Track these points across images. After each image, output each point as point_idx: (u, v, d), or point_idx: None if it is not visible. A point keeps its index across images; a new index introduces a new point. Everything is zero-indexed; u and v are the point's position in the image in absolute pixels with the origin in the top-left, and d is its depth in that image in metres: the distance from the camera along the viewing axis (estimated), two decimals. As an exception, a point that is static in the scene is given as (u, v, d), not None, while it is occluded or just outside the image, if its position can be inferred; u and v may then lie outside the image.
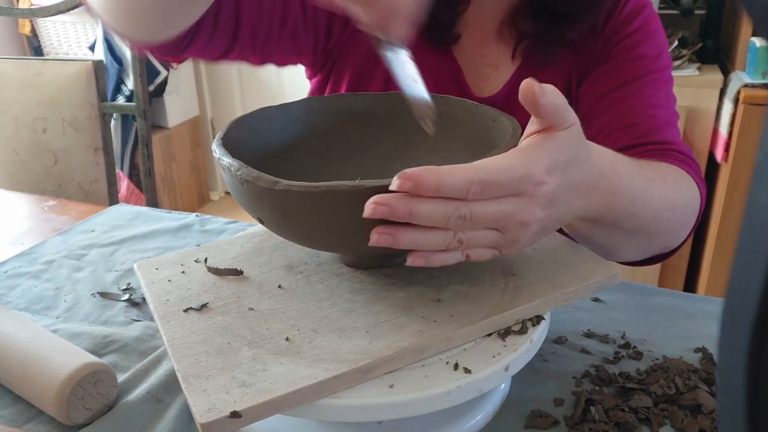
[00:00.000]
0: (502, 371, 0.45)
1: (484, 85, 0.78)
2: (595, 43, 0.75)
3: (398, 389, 0.43)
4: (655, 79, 0.73)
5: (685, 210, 0.64)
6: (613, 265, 0.54)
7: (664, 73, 0.74)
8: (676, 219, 0.63)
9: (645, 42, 0.74)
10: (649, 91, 0.72)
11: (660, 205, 0.58)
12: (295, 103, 0.61)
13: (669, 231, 0.63)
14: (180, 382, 0.43)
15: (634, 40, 0.73)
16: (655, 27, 0.75)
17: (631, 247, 0.62)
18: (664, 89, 0.74)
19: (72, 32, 2.70)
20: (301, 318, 0.49)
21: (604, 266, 0.54)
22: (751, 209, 0.16)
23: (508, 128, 0.52)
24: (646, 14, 0.75)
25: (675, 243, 0.66)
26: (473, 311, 0.48)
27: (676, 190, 0.61)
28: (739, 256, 0.16)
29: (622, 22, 0.74)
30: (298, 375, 0.42)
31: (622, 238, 0.59)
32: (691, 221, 0.65)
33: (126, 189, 2.39)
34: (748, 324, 0.16)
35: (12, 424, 0.54)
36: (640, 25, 0.74)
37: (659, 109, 0.71)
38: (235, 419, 0.39)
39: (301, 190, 0.43)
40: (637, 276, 1.90)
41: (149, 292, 0.53)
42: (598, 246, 0.60)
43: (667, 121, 0.71)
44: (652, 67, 0.73)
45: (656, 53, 0.74)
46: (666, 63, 0.75)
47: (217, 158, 0.49)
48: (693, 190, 0.64)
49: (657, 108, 0.71)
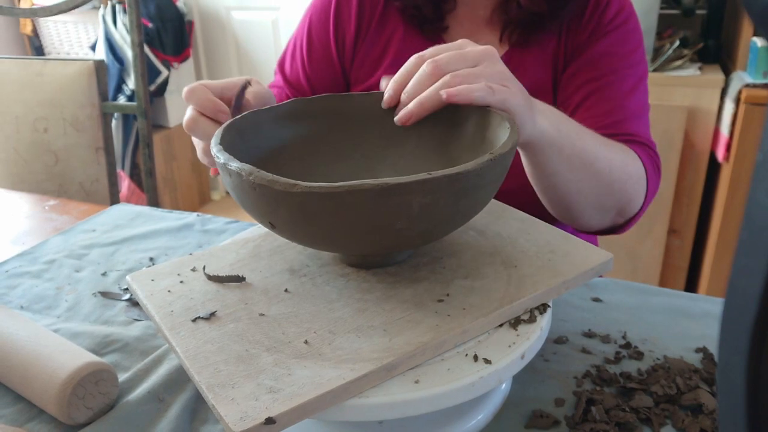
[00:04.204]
0: (519, 359, 0.46)
1: None
2: (581, 34, 0.80)
3: (424, 384, 0.43)
4: (630, 74, 0.79)
5: (636, 179, 0.72)
6: (606, 251, 0.56)
7: (639, 68, 0.80)
8: (630, 176, 0.71)
9: (625, 38, 0.80)
10: (623, 84, 0.78)
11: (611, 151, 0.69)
12: (283, 105, 0.60)
13: (622, 184, 0.70)
14: (204, 393, 0.42)
15: (616, 36, 0.80)
16: (633, 24, 0.82)
17: (587, 189, 0.68)
18: (638, 83, 0.80)
19: (73, 32, 2.71)
20: (314, 320, 0.49)
21: (597, 253, 0.56)
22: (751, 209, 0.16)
23: (502, 122, 0.53)
24: (627, 12, 0.81)
25: (629, 206, 0.73)
26: (483, 304, 0.49)
27: (626, 157, 0.71)
28: (739, 256, 0.16)
29: (605, 17, 0.80)
30: (325, 377, 0.42)
31: (578, 174, 0.66)
32: (641, 189, 0.73)
33: (127, 189, 2.40)
34: (748, 324, 0.16)
35: (13, 423, 0.54)
36: (622, 21, 0.80)
37: (631, 101, 0.78)
38: (269, 426, 0.39)
39: (322, 192, 0.42)
40: (638, 276, 1.91)
41: (151, 304, 0.52)
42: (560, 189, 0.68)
43: (637, 114, 0.78)
44: (627, 62, 0.79)
45: (633, 48, 0.80)
46: (641, 57, 0.81)
47: (222, 163, 0.47)
48: (638, 164, 0.73)
49: (628, 100, 0.78)
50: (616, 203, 0.72)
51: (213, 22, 2.74)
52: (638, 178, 0.73)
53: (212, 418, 0.54)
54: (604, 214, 0.73)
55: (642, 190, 0.74)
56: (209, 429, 0.53)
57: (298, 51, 0.90)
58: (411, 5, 0.82)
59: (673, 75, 1.78)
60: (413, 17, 0.83)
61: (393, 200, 0.43)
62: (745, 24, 1.70)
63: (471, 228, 0.61)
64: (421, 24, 0.83)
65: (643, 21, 1.67)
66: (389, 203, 0.43)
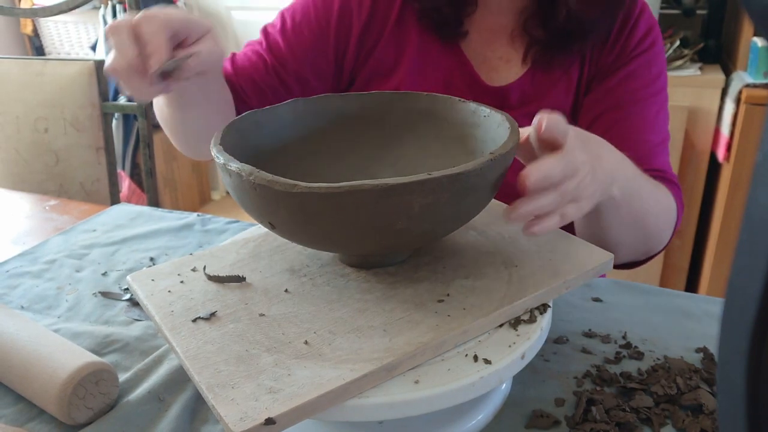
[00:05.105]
0: (519, 359, 0.46)
1: (494, 75, 0.80)
2: (606, 56, 0.77)
3: (424, 384, 0.43)
4: (653, 102, 0.77)
5: (672, 223, 0.72)
6: (606, 252, 0.56)
7: (661, 95, 0.78)
8: (665, 220, 0.70)
9: (650, 64, 0.77)
10: (646, 115, 0.76)
11: (656, 200, 0.67)
12: (282, 106, 0.60)
13: (658, 230, 0.70)
14: (204, 393, 0.42)
15: (642, 61, 0.77)
16: (659, 47, 0.78)
17: (629, 240, 0.68)
18: (660, 111, 0.78)
19: (74, 32, 2.71)
20: (314, 321, 0.49)
21: (598, 253, 0.56)
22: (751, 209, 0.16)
23: (501, 123, 0.53)
24: (654, 35, 0.78)
25: (657, 246, 0.73)
26: (483, 304, 0.49)
27: (664, 196, 0.70)
28: (739, 256, 0.16)
29: (632, 40, 0.76)
30: (325, 377, 0.42)
31: (627, 227, 0.65)
32: (670, 229, 0.73)
33: (127, 188, 2.39)
34: (748, 324, 0.16)
35: (14, 423, 0.54)
36: (649, 45, 0.77)
37: (652, 133, 0.76)
38: (269, 426, 0.39)
39: (322, 192, 0.42)
40: (638, 276, 1.90)
41: (151, 304, 0.52)
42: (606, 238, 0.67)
43: (659, 147, 0.77)
44: (651, 90, 0.77)
45: (657, 73, 0.77)
46: (663, 83, 0.79)
47: (222, 163, 0.47)
48: (672, 204, 0.72)
49: (650, 133, 0.76)
50: (651, 248, 0.73)
51: (213, 22, 2.73)
52: (672, 220, 0.73)
53: (212, 418, 0.54)
54: (634, 255, 0.73)
55: (671, 231, 0.74)
56: (209, 429, 0.53)
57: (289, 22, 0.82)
58: (430, 6, 0.78)
59: (673, 75, 1.77)
60: (431, 20, 0.79)
61: (393, 200, 0.43)
62: (746, 24, 1.70)
63: (471, 228, 0.61)
64: (439, 27, 0.79)
65: (643, 21, 1.67)
66: (389, 203, 0.43)
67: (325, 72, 0.82)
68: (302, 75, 0.81)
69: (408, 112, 0.62)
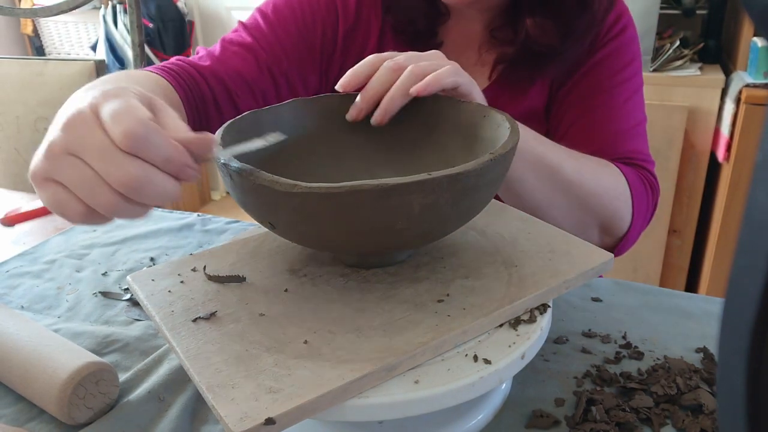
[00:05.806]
0: (519, 360, 0.46)
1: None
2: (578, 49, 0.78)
3: (424, 384, 0.43)
4: (623, 90, 0.76)
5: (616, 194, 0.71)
6: (606, 252, 0.56)
7: (634, 80, 0.78)
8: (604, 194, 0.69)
9: (621, 50, 0.77)
10: (616, 102, 0.76)
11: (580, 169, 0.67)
12: (283, 106, 0.61)
13: (599, 204, 0.69)
14: (204, 393, 0.42)
15: (611, 48, 0.77)
16: (631, 33, 0.78)
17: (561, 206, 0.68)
18: (633, 96, 0.77)
19: (74, 32, 2.71)
20: (314, 320, 0.49)
21: (598, 253, 0.56)
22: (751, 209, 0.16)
23: (502, 122, 0.53)
24: (624, 21, 0.78)
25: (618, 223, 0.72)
26: (483, 304, 0.49)
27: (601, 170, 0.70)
28: (739, 256, 0.16)
29: (604, 25, 0.77)
30: (324, 377, 0.42)
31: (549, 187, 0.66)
32: (622, 211, 0.72)
33: (127, 189, 2.39)
34: (748, 324, 0.16)
35: (14, 423, 0.54)
36: (619, 31, 0.77)
37: (620, 121, 0.76)
38: (269, 426, 0.39)
39: (322, 192, 0.42)
40: (638, 276, 1.90)
41: (151, 304, 0.52)
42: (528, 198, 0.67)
43: (628, 133, 0.76)
44: (621, 77, 0.77)
45: (629, 59, 0.77)
46: (637, 68, 0.78)
47: (222, 163, 0.47)
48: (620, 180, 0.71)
49: (617, 121, 0.76)
50: (595, 219, 0.71)
51: (213, 22, 2.74)
52: (618, 193, 0.71)
53: (212, 418, 0.54)
54: (585, 232, 0.71)
55: (626, 208, 0.72)
56: (209, 429, 0.53)
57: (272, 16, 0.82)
58: (405, 20, 0.79)
59: (673, 75, 1.78)
60: (406, 35, 0.80)
61: (393, 200, 0.43)
62: (746, 24, 1.70)
63: (471, 228, 0.61)
64: (413, 40, 0.80)
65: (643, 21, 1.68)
66: (389, 203, 0.43)
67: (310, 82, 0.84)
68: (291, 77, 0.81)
69: (408, 112, 0.62)
